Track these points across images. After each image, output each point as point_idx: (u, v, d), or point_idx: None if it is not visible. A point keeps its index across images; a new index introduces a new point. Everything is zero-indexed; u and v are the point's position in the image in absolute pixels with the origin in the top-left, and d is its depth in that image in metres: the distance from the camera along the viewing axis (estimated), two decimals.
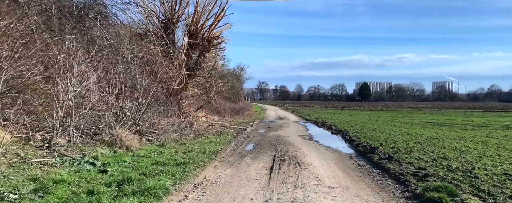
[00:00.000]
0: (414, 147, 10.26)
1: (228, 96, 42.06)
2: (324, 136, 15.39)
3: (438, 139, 13.01)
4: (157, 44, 12.89)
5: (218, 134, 14.00)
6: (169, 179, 5.59)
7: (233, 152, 9.88)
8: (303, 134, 15.56)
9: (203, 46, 15.28)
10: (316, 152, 10.12)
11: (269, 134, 15.54)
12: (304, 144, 12.01)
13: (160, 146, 9.67)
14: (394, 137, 13.53)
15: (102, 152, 7.41)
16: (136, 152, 8.20)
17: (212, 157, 8.28)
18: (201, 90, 17.16)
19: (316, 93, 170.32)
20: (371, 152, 9.45)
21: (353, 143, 12.03)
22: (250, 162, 8.26)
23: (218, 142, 11.05)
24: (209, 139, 12.00)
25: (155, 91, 11.35)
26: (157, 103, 12.33)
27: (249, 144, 11.70)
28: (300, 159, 8.65)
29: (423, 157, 8.38)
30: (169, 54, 13.41)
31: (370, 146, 10.31)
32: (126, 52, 11.59)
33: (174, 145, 9.89)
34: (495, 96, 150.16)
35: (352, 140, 12.71)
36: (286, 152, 9.81)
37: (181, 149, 9.18)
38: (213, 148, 9.64)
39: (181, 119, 14.11)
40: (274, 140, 12.85)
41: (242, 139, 13.24)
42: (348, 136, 14.17)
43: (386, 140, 12.07)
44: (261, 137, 14.03)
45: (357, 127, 18.82)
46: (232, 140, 12.18)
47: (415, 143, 11.43)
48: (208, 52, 15.67)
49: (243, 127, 17.90)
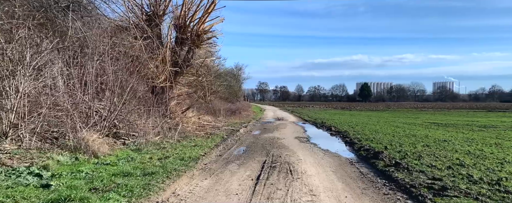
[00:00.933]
0: (423, 151, 9.10)
1: (225, 97, 40.93)
2: (323, 138, 14.24)
3: (447, 142, 11.86)
4: (139, 38, 11.75)
5: (207, 136, 12.85)
6: (122, 197, 4.44)
7: (218, 157, 8.73)
8: (300, 136, 14.41)
9: (192, 41, 14.14)
10: (313, 156, 8.97)
11: (264, 136, 14.39)
12: (300, 147, 10.86)
13: (136, 150, 8.52)
14: (399, 139, 12.38)
15: (59, 160, 6.27)
16: (103, 159, 7.05)
17: (190, 164, 7.13)
18: (191, 89, 16.02)
19: (316, 94, 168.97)
20: (374, 157, 8.29)
21: (354, 146, 10.88)
22: (235, 169, 7.11)
23: (203, 146, 9.90)
24: (195, 141, 10.86)
25: (133, 88, 10.21)
26: (138, 102, 11.19)
27: (239, 148, 10.55)
28: (293, 166, 7.50)
29: (436, 164, 7.22)
30: (154, 49, 12.27)
31: (373, 150, 9.16)
32: (103, 46, 10.44)
33: (152, 150, 8.74)
34: (497, 96, 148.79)
35: (353, 143, 11.56)
36: (278, 157, 8.66)
37: (158, 155, 8.03)
38: (195, 153, 8.49)
39: (167, 119, 12.98)
40: (267, 143, 11.70)
41: (232, 141, 12.09)
42: (348, 138, 13.02)
43: (391, 143, 10.92)
44: (254, 139, 12.88)
45: (358, 128, 17.66)
46: (221, 143, 11.03)
47: (423, 146, 10.28)
48: (198, 48, 14.52)
49: (236, 128, 16.76)
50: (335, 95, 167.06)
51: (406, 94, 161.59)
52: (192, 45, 14.28)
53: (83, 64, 9.84)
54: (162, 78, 12.19)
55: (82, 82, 9.36)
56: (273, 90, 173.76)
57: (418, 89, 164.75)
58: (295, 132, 16.48)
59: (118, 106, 9.23)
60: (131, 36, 11.59)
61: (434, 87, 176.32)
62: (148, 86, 12.53)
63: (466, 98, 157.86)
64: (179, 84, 15.40)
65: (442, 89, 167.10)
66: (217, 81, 34.13)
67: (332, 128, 17.82)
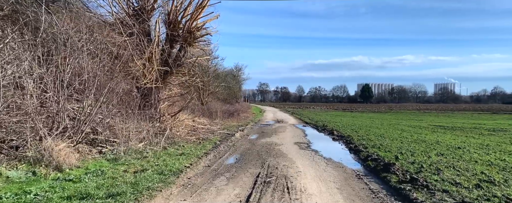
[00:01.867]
0: (439, 162, 8.00)
1: (223, 98, 39.86)
2: (325, 144, 13.16)
3: (462, 149, 10.78)
4: (124, 34, 10.68)
5: (199, 141, 11.78)
6: None
7: (206, 168, 7.65)
8: (300, 141, 13.33)
9: (184, 39, 13.06)
10: (314, 168, 7.89)
11: (261, 140, 13.31)
12: (299, 155, 9.78)
13: (112, 160, 7.46)
14: (409, 146, 11.29)
15: (8, 176, 5.21)
16: (67, 173, 5.99)
17: (170, 179, 6.05)
18: (184, 90, 14.94)
19: (317, 95, 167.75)
20: (385, 169, 7.21)
21: (359, 154, 9.79)
22: (222, 186, 6.04)
23: (191, 154, 8.82)
24: (183, 148, 9.78)
25: (114, 88, 9.15)
26: (120, 103, 10.13)
27: (231, 156, 9.48)
28: (291, 181, 6.42)
29: (460, 180, 6.13)
30: (140, 47, 11.21)
31: (383, 160, 8.07)
32: (82, 43, 9.39)
33: (132, 159, 7.68)
34: (499, 98, 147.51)
35: (358, 150, 10.46)
36: (274, 169, 7.58)
37: (136, 166, 6.97)
38: (179, 163, 7.41)
39: (156, 123, 11.91)
40: (264, 150, 10.62)
41: (225, 148, 11.02)
42: (352, 144, 11.93)
43: (401, 151, 9.83)
44: (249, 145, 11.81)
45: (362, 132, 16.57)
46: (212, 150, 9.95)
47: (438, 155, 9.19)
48: (190, 46, 13.44)
49: (233, 131, 15.69)
50: (336, 96, 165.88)
51: (408, 96, 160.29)
52: (184, 43, 13.20)
53: (58, 62, 8.78)
54: (149, 78, 11.12)
55: (56, 83, 8.29)
56: (274, 91, 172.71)
57: (420, 90, 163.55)
58: (295, 136, 15.40)
59: (94, 108, 8.15)
60: (114, 31, 10.53)
61: (435, 89, 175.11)
62: (134, 87, 11.47)
63: (467, 99, 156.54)
64: (171, 85, 14.34)
65: (443, 91, 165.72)
66: (215, 82, 33.15)
67: (334, 131, 16.73)
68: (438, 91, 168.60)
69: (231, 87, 46.51)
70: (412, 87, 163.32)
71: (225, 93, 39.47)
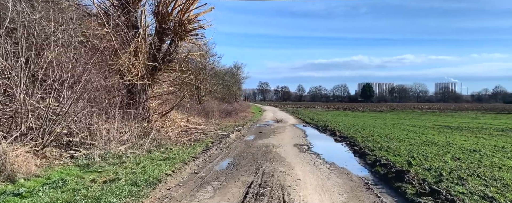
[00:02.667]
0: (459, 169, 7.01)
1: (222, 97, 38.87)
2: (327, 146, 12.17)
3: (477, 152, 9.80)
4: (107, 25, 9.68)
5: (190, 143, 10.80)
6: None
7: (192, 175, 6.67)
8: (300, 143, 12.34)
9: (175, 32, 12.05)
10: (315, 175, 6.90)
11: (257, 142, 12.33)
12: (299, 159, 8.79)
13: (83, 167, 6.47)
14: (419, 148, 10.30)
15: None
16: (21, 184, 5.01)
17: (144, 191, 5.06)
18: (176, 88, 13.95)
19: (317, 94, 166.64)
20: (398, 177, 6.21)
21: (366, 158, 8.80)
22: (206, 199, 5.05)
23: (177, 158, 7.82)
24: (170, 151, 8.80)
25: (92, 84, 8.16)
26: (100, 101, 9.14)
27: (223, 160, 8.49)
28: (288, 192, 5.44)
29: (491, 193, 5.13)
30: (126, 40, 10.21)
31: (394, 166, 7.08)
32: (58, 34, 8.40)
33: (107, 165, 6.69)
34: (500, 97, 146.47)
35: (364, 153, 9.46)
36: (270, 177, 6.59)
37: (109, 174, 5.98)
38: (159, 170, 6.41)
39: (144, 123, 10.92)
40: (260, 153, 9.64)
41: (218, 150, 10.03)
42: (357, 146, 10.94)
43: (412, 154, 8.84)
44: (245, 147, 10.82)
45: (366, 132, 15.58)
46: (202, 154, 8.96)
47: (454, 160, 8.20)
48: (182, 40, 12.43)
49: (228, 132, 14.70)
50: (336, 95, 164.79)
51: (408, 95, 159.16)
52: (175, 36, 12.19)
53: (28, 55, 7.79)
54: (135, 73, 10.12)
55: (24, 78, 7.30)
56: (274, 91, 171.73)
57: (421, 90, 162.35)
58: (295, 137, 14.41)
59: (66, 105, 7.16)
60: (96, 23, 9.53)
61: (436, 88, 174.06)
62: (118, 83, 10.48)
63: (469, 99, 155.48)
64: (161, 82, 13.34)
65: (444, 90, 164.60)
66: (213, 81, 32.15)
67: (337, 132, 15.73)
68: (439, 91, 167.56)
69: (230, 86, 45.53)
70: (413, 87, 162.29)
71: (223, 92, 38.49)
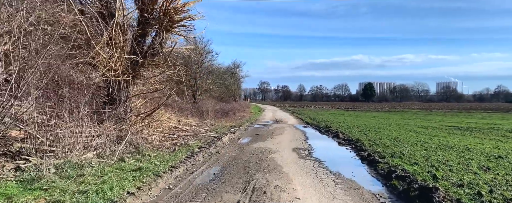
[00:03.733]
0: (499, 184, 5.64)
1: (219, 96, 37.51)
2: (330, 150, 10.86)
3: (504, 158, 8.48)
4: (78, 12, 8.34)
5: (175, 147, 9.48)
6: None
7: (164, 193, 5.34)
8: (300, 147, 11.01)
9: (160, 23, 10.72)
10: (318, 190, 5.58)
11: (252, 146, 11.01)
12: (298, 167, 7.47)
13: (28, 182, 5.15)
14: (436, 154, 8.97)
15: None
16: None
17: None
18: (164, 84, 12.59)
19: (318, 94, 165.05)
20: (424, 197, 4.88)
21: (377, 167, 7.47)
22: None
23: (150, 169, 6.49)
24: (147, 159, 7.48)
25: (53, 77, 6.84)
26: (63, 100, 7.81)
27: (208, 170, 7.17)
28: None
29: None
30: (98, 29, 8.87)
31: (415, 180, 5.74)
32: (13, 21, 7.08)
33: (59, 179, 5.37)
34: (502, 97, 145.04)
35: (374, 161, 8.13)
36: (261, 194, 5.27)
37: (53, 193, 4.67)
38: (120, 188, 5.08)
39: (122, 125, 9.60)
40: (253, 160, 8.32)
41: (205, 157, 8.71)
42: (364, 151, 9.62)
43: (431, 162, 7.51)
44: (237, 153, 9.51)
45: (372, 134, 14.25)
46: (185, 162, 7.63)
47: (484, 171, 6.85)
48: (168, 32, 11.09)
49: (222, 134, 13.38)
50: (337, 95, 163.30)
51: (410, 95, 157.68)
52: (160, 27, 10.86)
53: None
54: (109, 67, 8.79)
55: None
56: (275, 90, 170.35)
57: (422, 89, 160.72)
58: (294, 140, 13.07)
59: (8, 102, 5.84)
60: (61, 8, 8.19)
61: (437, 88, 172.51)
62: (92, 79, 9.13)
63: (470, 98, 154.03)
64: (146, 79, 12.01)
65: (446, 90, 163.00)
66: (209, 79, 30.78)
67: (340, 134, 14.40)
68: (441, 90, 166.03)
69: (228, 85, 44.19)
70: (415, 86, 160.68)
71: (220, 91, 37.15)
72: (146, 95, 13.38)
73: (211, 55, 30.37)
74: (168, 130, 12.70)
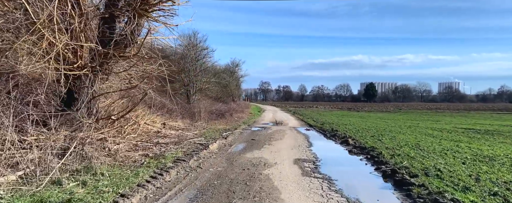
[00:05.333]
0: None
1: (216, 96, 35.44)
2: (340, 162, 8.80)
3: None
4: None
5: (144, 160, 7.41)
6: None
7: None
8: (303, 157, 8.94)
9: (132, 6, 8.67)
10: None
11: (245, 156, 8.95)
12: (301, 192, 5.39)
13: None
14: (479, 169, 6.90)
15: None
16: None
17: None
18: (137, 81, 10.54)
19: (320, 94, 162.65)
20: None
21: (411, 194, 5.38)
22: None
23: (95, 195, 4.44)
24: (93, 182, 5.42)
25: None
26: None
27: (176, 197, 5.10)
28: None
29: None
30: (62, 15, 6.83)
31: None
32: None
33: None
34: (506, 97, 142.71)
35: (404, 181, 6.03)
36: None
37: None
38: None
39: (79, 133, 7.53)
40: (241, 180, 6.25)
41: (179, 175, 6.64)
42: (386, 165, 7.53)
43: (483, 184, 5.48)
44: (223, 167, 7.44)
45: (387, 140, 12.16)
46: (148, 184, 5.57)
47: None
48: (142, 17, 9.04)
49: (211, 139, 11.31)
50: (339, 95, 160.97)
51: (412, 95, 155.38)
52: (132, 11, 8.80)
53: None
54: (63, 58, 6.74)
55: None
56: (276, 90, 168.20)
57: (424, 89, 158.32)
58: (296, 146, 11.00)
59: None
60: None
61: (439, 88, 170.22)
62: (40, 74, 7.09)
63: (473, 99, 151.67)
64: (115, 74, 9.95)
65: (448, 90, 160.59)
66: (204, 77, 28.71)
67: (349, 139, 12.31)
68: (443, 91, 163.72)
69: (227, 84, 42.12)
70: (417, 86, 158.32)
71: (218, 90, 35.08)
72: (122, 95, 11.34)
73: (206, 52, 28.28)
74: (146, 136, 10.65)
